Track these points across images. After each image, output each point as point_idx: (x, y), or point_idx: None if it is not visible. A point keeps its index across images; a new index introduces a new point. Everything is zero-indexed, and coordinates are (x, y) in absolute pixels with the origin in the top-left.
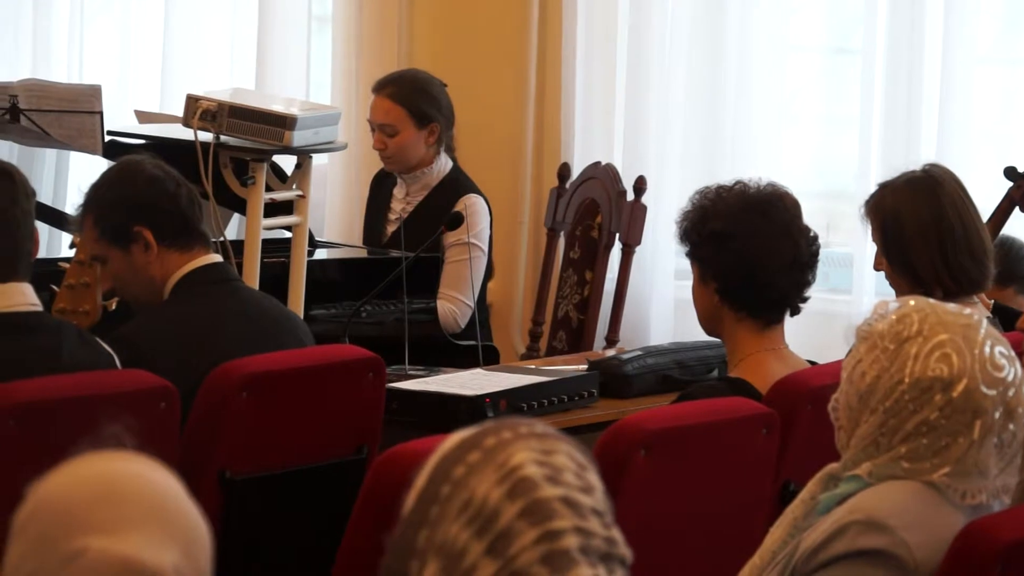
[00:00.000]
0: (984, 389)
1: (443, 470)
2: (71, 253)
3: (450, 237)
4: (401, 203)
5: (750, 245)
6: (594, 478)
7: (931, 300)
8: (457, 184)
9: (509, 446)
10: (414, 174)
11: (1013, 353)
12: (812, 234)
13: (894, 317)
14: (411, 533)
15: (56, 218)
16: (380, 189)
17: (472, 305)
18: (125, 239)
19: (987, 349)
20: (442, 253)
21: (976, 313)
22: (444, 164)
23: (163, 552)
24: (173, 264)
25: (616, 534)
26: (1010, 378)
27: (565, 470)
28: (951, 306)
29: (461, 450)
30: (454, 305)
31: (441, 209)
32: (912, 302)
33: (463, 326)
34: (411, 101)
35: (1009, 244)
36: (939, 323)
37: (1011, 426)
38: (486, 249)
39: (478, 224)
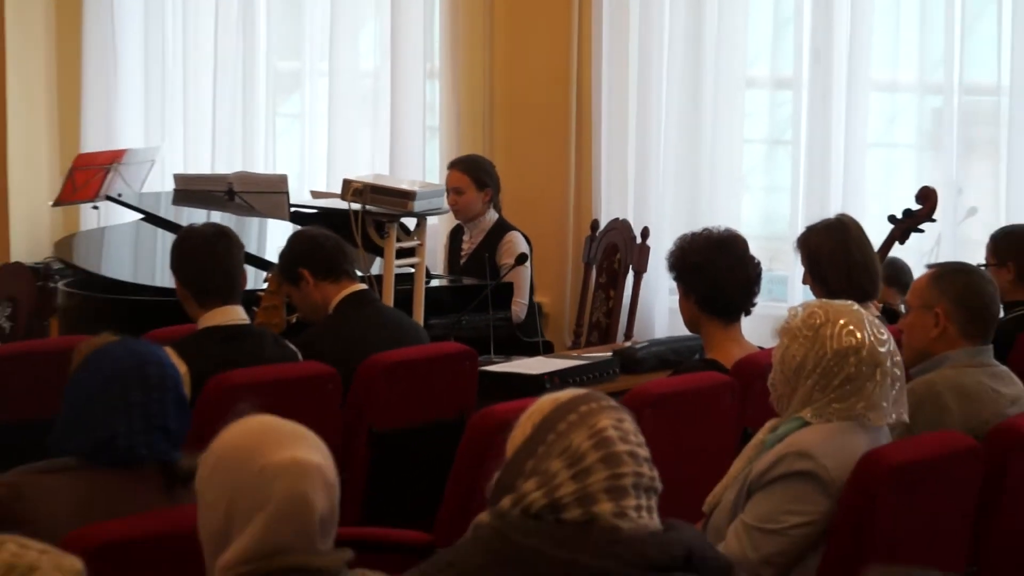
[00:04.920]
0: (879, 348)
1: (550, 423)
2: (264, 285)
3: (506, 266)
4: (467, 244)
5: (715, 271)
6: (642, 439)
7: (822, 299)
8: (501, 227)
9: (597, 414)
10: (474, 222)
11: (886, 329)
12: (757, 261)
13: (804, 314)
14: (521, 460)
15: (257, 263)
16: (454, 239)
17: (525, 306)
18: (294, 278)
19: (870, 324)
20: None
21: (856, 305)
22: (492, 216)
23: (315, 455)
24: (330, 292)
25: (655, 474)
26: (890, 341)
27: (630, 433)
28: (836, 301)
29: (563, 411)
30: (516, 307)
31: (492, 243)
32: (814, 305)
33: (523, 317)
34: (473, 172)
35: (893, 262)
36: (836, 311)
37: (896, 371)
38: (528, 268)
39: (518, 250)
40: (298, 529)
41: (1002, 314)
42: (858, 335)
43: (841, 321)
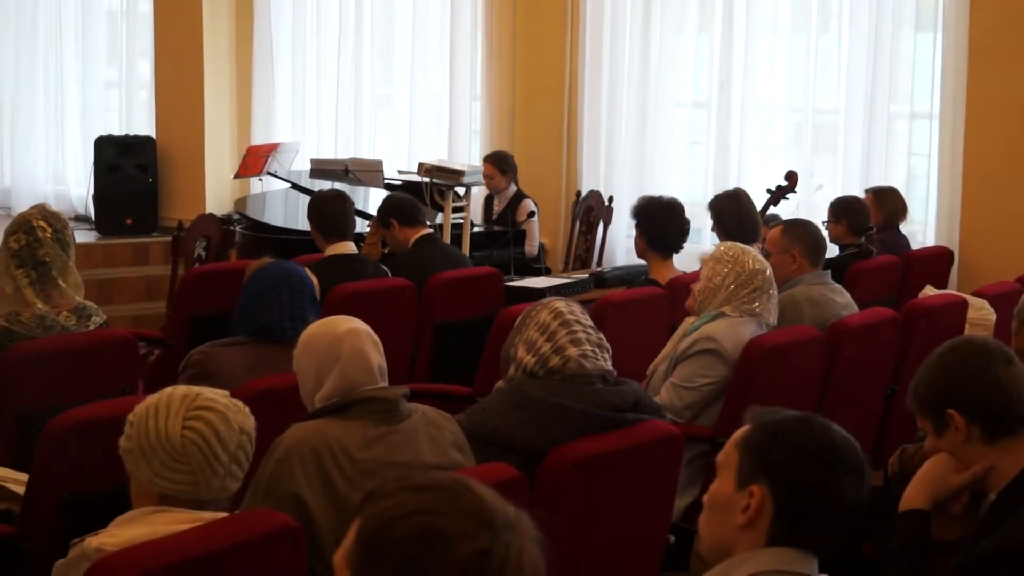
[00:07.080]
0: (769, 272)
1: (528, 312)
2: (367, 229)
3: (521, 220)
4: (497, 207)
5: (659, 222)
6: (588, 317)
7: (732, 242)
8: (518, 196)
9: (555, 302)
10: (502, 194)
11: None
12: (687, 218)
13: (724, 248)
14: (513, 336)
15: (363, 215)
16: (488, 203)
17: (536, 246)
18: (386, 224)
19: (761, 256)
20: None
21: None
22: (512, 189)
23: (363, 326)
24: (409, 234)
25: (602, 335)
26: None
27: (576, 312)
28: (740, 244)
29: (536, 305)
30: (528, 246)
31: (513, 207)
32: (728, 244)
33: (535, 254)
34: (499, 164)
35: (776, 216)
36: (747, 250)
37: (774, 291)
38: (535, 221)
39: (528, 212)
40: (362, 370)
41: (840, 252)
42: (764, 263)
43: (753, 255)
